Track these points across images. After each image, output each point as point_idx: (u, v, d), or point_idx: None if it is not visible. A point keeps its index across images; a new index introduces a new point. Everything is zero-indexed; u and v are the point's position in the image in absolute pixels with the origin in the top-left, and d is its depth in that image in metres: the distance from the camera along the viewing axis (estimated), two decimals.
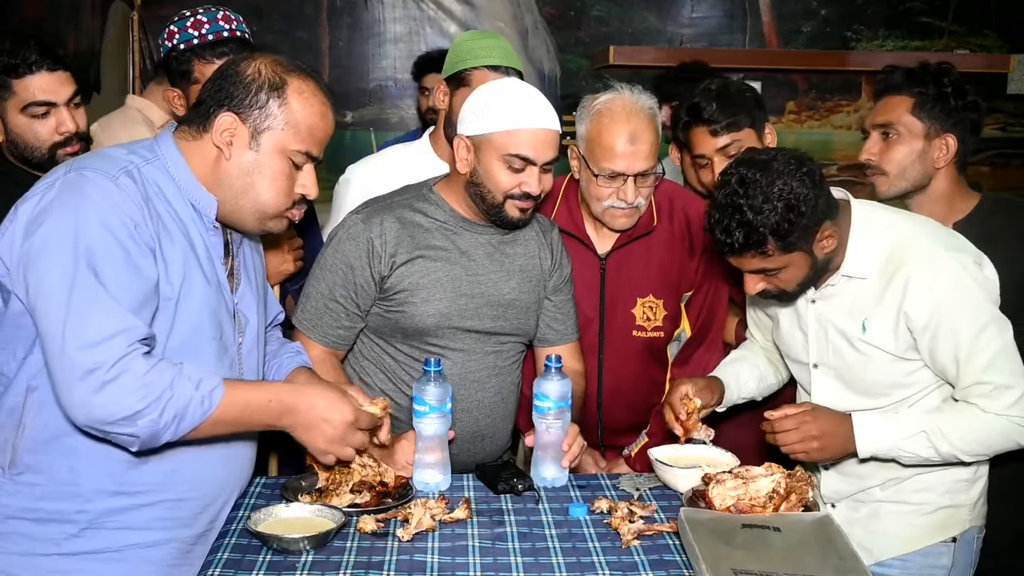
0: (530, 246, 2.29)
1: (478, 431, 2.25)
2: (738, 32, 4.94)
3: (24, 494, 1.67)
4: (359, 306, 2.20)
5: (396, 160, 2.68)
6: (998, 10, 4.96)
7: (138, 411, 1.54)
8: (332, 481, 1.94)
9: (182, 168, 1.73)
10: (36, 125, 2.28)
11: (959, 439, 1.95)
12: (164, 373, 1.57)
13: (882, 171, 2.31)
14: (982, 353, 1.91)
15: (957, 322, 1.92)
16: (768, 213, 1.85)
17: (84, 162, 1.69)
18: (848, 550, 1.71)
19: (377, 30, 4.78)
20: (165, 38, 2.42)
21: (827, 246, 1.96)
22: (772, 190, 1.86)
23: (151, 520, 1.72)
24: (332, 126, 1.81)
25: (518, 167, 2.10)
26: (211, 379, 1.64)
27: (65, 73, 2.31)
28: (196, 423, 1.61)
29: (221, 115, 1.71)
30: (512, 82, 2.24)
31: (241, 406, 1.68)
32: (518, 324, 2.27)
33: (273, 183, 1.74)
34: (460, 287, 2.19)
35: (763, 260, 1.93)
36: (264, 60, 1.75)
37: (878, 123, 2.33)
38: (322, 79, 1.81)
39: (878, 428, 1.98)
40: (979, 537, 2.14)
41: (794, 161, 1.90)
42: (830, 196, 1.96)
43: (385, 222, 2.17)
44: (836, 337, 2.06)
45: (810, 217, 1.88)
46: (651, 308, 2.44)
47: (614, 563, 1.73)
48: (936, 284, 1.92)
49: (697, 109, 2.41)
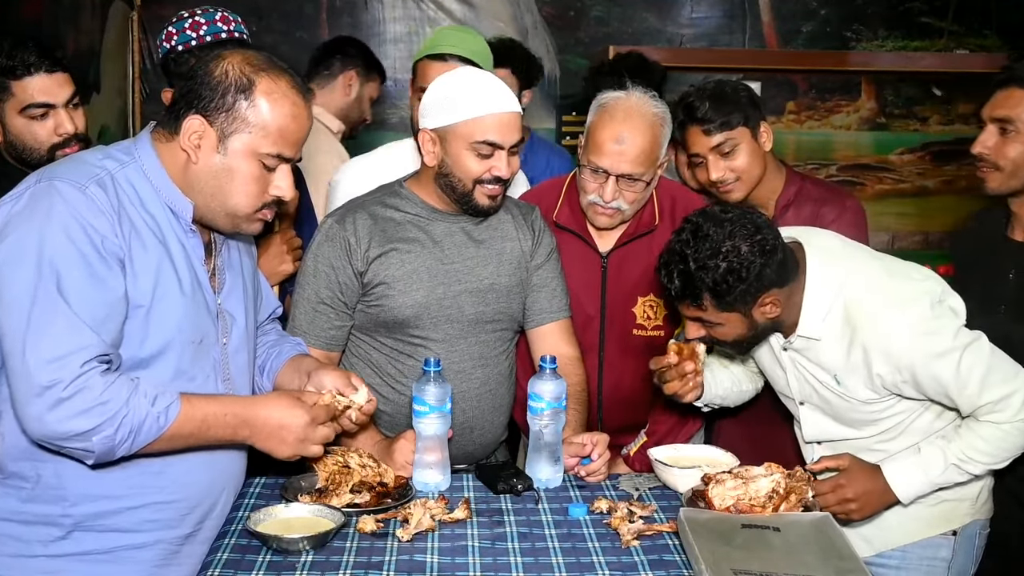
0: (505, 229, 2.31)
1: (466, 422, 2.25)
2: (738, 32, 4.94)
3: (11, 496, 1.69)
4: (347, 305, 2.22)
5: (384, 160, 2.69)
6: (998, 10, 4.95)
7: (93, 428, 1.56)
8: (332, 481, 1.94)
9: (158, 171, 1.72)
10: (35, 126, 2.28)
11: (986, 456, 1.97)
12: (121, 390, 1.58)
13: (996, 166, 2.21)
14: (970, 382, 1.93)
15: (933, 369, 1.94)
16: (710, 270, 1.90)
17: (55, 170, 1.67)
18: (848, 550, 1.71)
19: (377, 30, 4.78)
20: (163, 39, 2.42)
21: (768, 312, 1.98)
22: (720, 248, 1.90)
23: (138, 522, 1.73)
24: (306, 126, 1.77)
25: (486, 152, 2.13)
26: (167, 395, 1.64)
27: (64, 75, 2.31)
28: (152, 438, 1.62)
29: (189, 118, 1.69)
30: (467, 70, 2.26)
31: (198, 421, 1.68)
32: (499, 308, 2.28)
33: (243, 187, 1.72)
34: (436, 276, 2.21)
35: (698, 311, 1.99)
36: (234, 59, 1.71)
37: (997, 116, 2.21)
38: (296, 76, 1.76)
39: (910, 476, 2.01)
40: (982, 533, 2.14)
41: (751, 227, 1.93)
42: (783, 264, 1.95)
43: (358, 220, 2.21)
44: (814, 382, 2.09)
45: (751, 283, 1.91)
46: (652, 307, 2.45)
47: (614, 563, 1.72)
48: (897, 346, 1.94)
49: (691, 108, 2.41)
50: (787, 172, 2.54)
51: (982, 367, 1.93)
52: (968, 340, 1.95)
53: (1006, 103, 2.20)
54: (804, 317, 2.00)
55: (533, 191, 2.64)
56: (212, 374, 1.79)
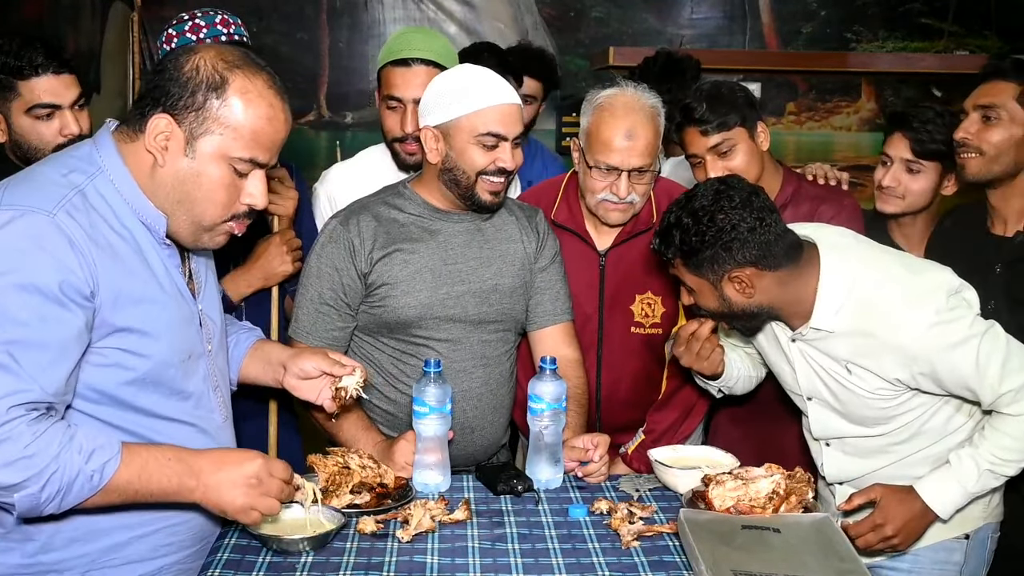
0: (509, 231, 2.32)
1: (466, 422, 2.26)
2: (738, 33, 4.94)
3: (15, 551, 1.58)
4: (350, 306, 2.22)
5: (363, 166, 2.69)
6: (998, 11, 4.96)
7: (15, 484, 1.42)
8: (332, 482, 1.94)
9: (126, 179, 1.59)
10: (40, 127, 2.29)
11: (1017, 453, 1.94)
12: (51, 443, 1.43)
13: (978, 150, 2.27)
14: (990, 369, 1.90)
15: (952, 359, 1.91)
16: (683, 228, 1.94)
17: (17, 196, 1.50)
18: (848, 551, 1.71)
19: (377, 31, 4.79)
20: (163, 41, 2.43)
21: (738, 290, 1.97)
22: (700, 210, 1.93)
23: (152, 549, 1.67)
24: (283, 129, 1.63)
25: (491, 144, 2.14)
26: (105, 450, 1.48)
27: (71, 76, 2.32)
28: (83, 497, 1.47)
29: (155, 117, 1.55)
30: (465, 67, 2.27)
31: (137, 468, 1.51)
32: (502, 309, 2.28)
33: (210, 193, 1.59)
34: (440, 276, 2.21)
35: (674, 270, 2.02)
36: (207, 54, 1.58)
37: (981, 103, 2.28)
38: (274, 76, 1.63)
39: (946, 490, 1.97)
40: (993, 536, 2.13)
41: (741, 201, 1.93)
42: (769, 247, 1.93)
43: (362, 221, 2.21)
44: (824, 375, 2.07)
45: (717, 251, 1.91)
46: (650, 305, 2.45)
47: (614, 564, 1.73)
48: (913, 339, 1.91)
49: (688, 110, 2.43)
50: (784, 172, 2.55)
51: (1000, 354, 1.91)
52: (984, 328, 1.94)
53: (990, 92, 2.28)
54: (818, 310, 1.98)
55: (531, 191, 2.64)
56: (204, 386, 1.72)
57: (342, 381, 1.92)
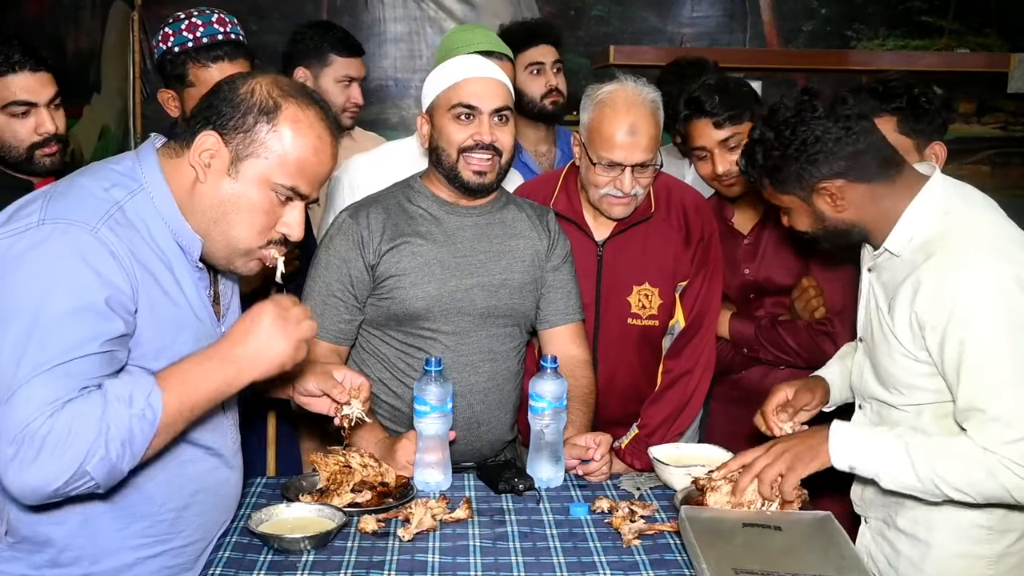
0: (520, 227, 2.32)
1: (473, 417, 2.25)
2: (738, 31, 4.93)
3: (21, 561, 1.57)
4: (357, 298, 2.23)
5: (387, 157, 2.71)
6: (998, 9, 4.95)
7: (81, 463, 1.38)
8: (333, 481, 1.94)
9: (166, 198, 1.58)
10: (15, 124, 2.28)
11: (942, 467, 1.70)
12: (90, 412, 1.40)
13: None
14: (986, 376, 1.69)
15: (966, 332, 1.70)
16: (770, 140, 1.84)
17: (60, 208, 1.48)
18: (849, 549, 1.71)
19: (377, 30, 4.78)
20: (160, 40, 2.43)
21: (828, 204, 1.84)
22: (791, 120, 1.82)
23: (155, 571, 1.65)
24: (328, 163, 1.64)
25: (465, 116, 2.17)
26: (141, 387, 1.45)
27: (47, 74, 2.31)
28: (149, 438, 1.45)
29: (204, 133, 1.56)
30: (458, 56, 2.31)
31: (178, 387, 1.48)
32: (511, 304, 2.28)
33: (248, 216, 1.59)
34: (448, 269, 2.22)
35: (765, 194, 1.94)
36: (263, 80, 1.60)
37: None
38: (327, 111, 1.64)
39: (854, 436, 1.80)
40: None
41: (834, 115, 1.80)
42: (858, 157, 1.80)
43: (371, 213, 2.23)
44: (874, 312, 1.94)
45: (805, 163, 1.80)
46: (646, 296, 2.46)
47: (615, 563, 1.73)
48: (952, 287, 1.71)
49: (698, 102, 2.43)
50: None
51: (1012, 375, 1.68)
52: None
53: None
54: (896, 229, 1.83)
55: (529, 183, 2.65)
56: (217, 409, 1.69)
57: (344, 410, 1.93)
